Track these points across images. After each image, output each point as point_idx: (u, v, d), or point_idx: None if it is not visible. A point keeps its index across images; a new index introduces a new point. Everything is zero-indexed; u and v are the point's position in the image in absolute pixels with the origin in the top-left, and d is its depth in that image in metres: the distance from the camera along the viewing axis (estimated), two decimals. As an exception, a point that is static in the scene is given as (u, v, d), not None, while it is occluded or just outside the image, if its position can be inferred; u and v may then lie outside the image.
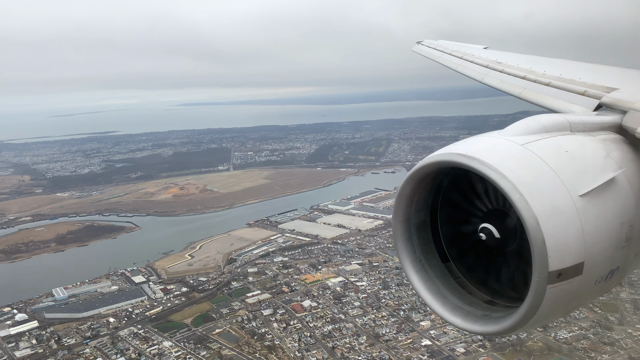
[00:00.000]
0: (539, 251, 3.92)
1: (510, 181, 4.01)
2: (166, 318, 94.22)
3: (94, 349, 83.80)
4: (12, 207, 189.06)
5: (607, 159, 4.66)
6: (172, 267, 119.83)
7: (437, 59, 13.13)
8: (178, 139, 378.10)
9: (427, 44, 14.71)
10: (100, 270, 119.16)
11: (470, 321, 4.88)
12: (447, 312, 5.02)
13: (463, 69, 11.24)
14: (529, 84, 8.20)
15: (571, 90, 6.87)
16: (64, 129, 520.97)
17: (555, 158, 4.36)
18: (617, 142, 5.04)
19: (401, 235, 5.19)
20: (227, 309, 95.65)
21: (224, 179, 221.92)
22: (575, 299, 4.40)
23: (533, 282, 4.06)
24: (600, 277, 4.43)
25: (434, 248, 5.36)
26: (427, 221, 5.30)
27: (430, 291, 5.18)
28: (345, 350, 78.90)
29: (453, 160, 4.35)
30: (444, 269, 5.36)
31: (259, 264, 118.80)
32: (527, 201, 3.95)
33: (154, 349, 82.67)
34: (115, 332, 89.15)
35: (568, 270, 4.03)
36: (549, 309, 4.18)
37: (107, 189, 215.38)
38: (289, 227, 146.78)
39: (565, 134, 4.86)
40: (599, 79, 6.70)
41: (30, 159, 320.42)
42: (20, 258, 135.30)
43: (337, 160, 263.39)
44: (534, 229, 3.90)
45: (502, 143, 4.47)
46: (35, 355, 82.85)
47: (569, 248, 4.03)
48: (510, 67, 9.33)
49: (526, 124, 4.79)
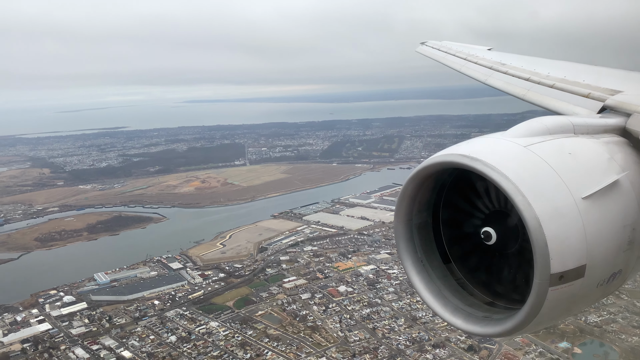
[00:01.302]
0: (541, 253, 3.91)
1: (513, 182, 4.01)
2: (208, 301, 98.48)
3: (145, 328, 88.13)
4: (38, 198, 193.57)
5: (610, 161, 4.63)
6: (206, 255, 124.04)
7: (441, 60, 13.15)
8: (190, 135, 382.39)
9: (431, 45, 14.80)
10: (136, 258, 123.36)
11: (471, 322, 4.86)
12: (447, 313, 5.02)
13: (467, 70, 11.27)
14: (533, 86, 8.21)
15: (575, 92, 6.88)
16: (73, 124, 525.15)
17: (558, 160, 4.34)
18: (621, 145, 4.99)
19: (403, 235, 5.19)
20: (266, 293, 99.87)
21: (243, 173, 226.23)
22: (576, 302, 4.37)
23: (534, 284, 4.05)
24: (602, 280, 4.40)
25: (435, 249, 5.36)
26: (429, 222, 5.29)
27: (431, 292, 5.16)
28: (386, 331, 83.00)
29: (456, 161, 4.35)
30: (445, 269, 5.34)
31: (290, 253, 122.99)
32: (529, 203, 3.95)
33: (202, 328, 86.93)
34: (161, 313, 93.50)
35: (570, 273, 4.01)
36: (551, 312, 4.17)
37: (128, 182, 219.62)
38: (313, 219, 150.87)
39: (569, 136, 4.84)
40: (603, 82, 6.70)
41: (46, 153, 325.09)
42: (56, 245, 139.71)
43: (351, 156, 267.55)
44: (536, 230, 3.90)
45: (505, 144, 4.48)
46: (90, 333, 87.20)
47: (571, 250, 4.01)
48: (514, 69, 9.37)
49: (529, 125, 4.78)
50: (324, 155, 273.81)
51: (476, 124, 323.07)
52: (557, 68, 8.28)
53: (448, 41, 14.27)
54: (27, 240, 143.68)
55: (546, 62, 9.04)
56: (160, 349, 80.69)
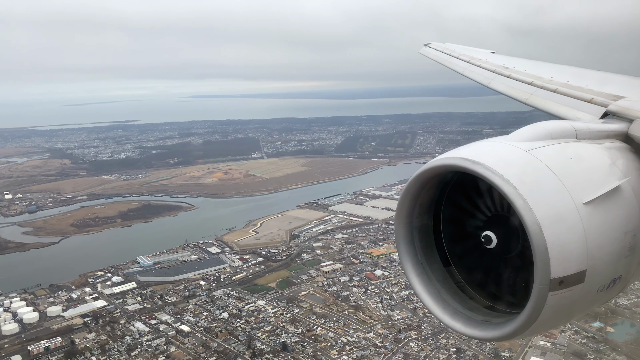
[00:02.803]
0: (541, 258, 3.91)
1: (514, 187, 4.02)
2: (252, 282, 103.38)
3: (196, 306, 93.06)
4: (65, 187, 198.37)
5: (612, 167, 4.63)
6: (241, 241, 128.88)
7: (444, 62, 13.11)
8: (202, 129, 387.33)
9: (435, 47, 14.71)
10: (173, 243, 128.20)
11: (470, 326, 4.83)
12: (447, 317, 4.99)
13: (470, 73, 11.23)
14: (536, 90, 8.17)
15: (578, 97, 6.86)
16: (82, 117, 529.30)
17: (560, 165, 4.34)
18: (623, 151, 4.99)
19: (403, 237, 5.18)
20: (305, 276, 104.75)
21: (263, 166, 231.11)
22: (576, 307, 4.35)
23: (534, 288, 4.04)
24: (603, 285, 4.39)
25: (435, 251, 5.35)
26: (430, 224, 5.29)
27: (431, 295, 5.16)
28: (427, 312, 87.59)
29: (457, 164, 4.36)
30: (445, 272, 5.33)
31: (321, 240, 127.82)
32: (530, 207, 3.94)
33: (250, 306, 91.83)
34: (209, 292, 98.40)
35: (570, 278, 4.01)
36: (550, 316, 4.16)
37: (150, 173, 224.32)
38: (339, 209, 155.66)
39: (571, 141, 4.84)
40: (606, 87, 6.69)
41: (62, 145, 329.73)
42: (93, 231, 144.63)
43: (366, 150, 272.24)
44: (537, 235, 3.90)
45: (507, 149, 4.48)
46: (145, 309, 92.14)
47: (571, 256, 4.01)
48: (517, 73, 9.34)
49: (532, 130, 4.78)
50: (339, 149, 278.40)
51: (486, 121, 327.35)
52: (561, 72, 8.32)
53: (451, 43, 14.27)
54: (63, 226, 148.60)
55: (549, 66, 9.11)
56: (214, 324, 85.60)
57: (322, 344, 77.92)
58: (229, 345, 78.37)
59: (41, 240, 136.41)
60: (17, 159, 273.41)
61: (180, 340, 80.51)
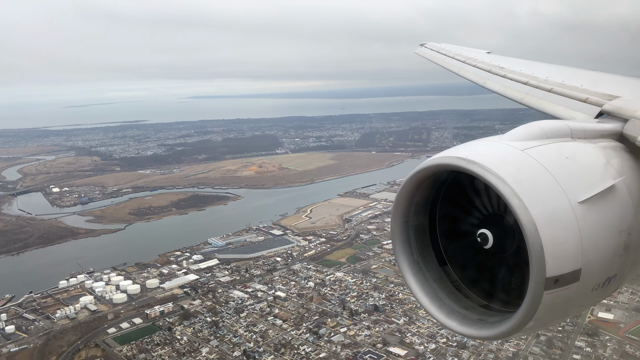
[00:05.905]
0: (537, 257, 3.93)
1: (510, 186, 4.03)
2: (322, 258, 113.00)
3: (281, 277, 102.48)
4: (107, 181, 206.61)
5: (607, 166, 4.65)
6: (298, 225, 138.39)
7: (440, 62, 13.24)
8: (217, 127, 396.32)
9: (430, 47, 14.84)
10: (234, 227, 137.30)
11: (465, 325, 4.86)
12: (443, 316, 5.00)
13: (466, 73, 11.30)
14: (531, 90, 8.21)
15: (573, 97, 6.90)
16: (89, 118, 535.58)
17: (555, 164, 4.36)
18: (618, 150, 5.01)
19: (399, 236, 5.17)
20: (371, 252, 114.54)
21: (293, 160, 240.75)
22: (571, 306, 4.39)
23: (530, 287, 4.07)
24: (597, 284, 4.42)
25: (431, 251, 5.33)
26: (426, 224, 5.28)
27: (426, 294, 5.16)
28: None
29: (453, 163, 4.35)
30: (441, 272, 5.33)
31: (373, 223, 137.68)
32: (525, 206, 3.96)
33: (330, 277, 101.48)
34: (288, 266, 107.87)
35: (565, 277, 4.03)
36: (545, 315, 4.19)
37: (184, 168, 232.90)
38: (380, 197, 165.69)
39: (566, 141, 4.85)
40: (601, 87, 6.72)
41: (83, 143, 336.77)
42: (153, 218, 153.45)
43: (387, 145, 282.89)
44: (532, 234, 3.92)
45: (503, 148, 4.50)
46: (235, 281, 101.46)
47: (566, 254, 4.04)
48: (512, 73, 9.42)
49: (527, 129, 4.79)
50: (359, 144, 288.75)
51: (495, 117, 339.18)
52: (556, 72, 8.34)
53: (447, 43, 14.40)
54: (122, 215, 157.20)
55: (545, 66, 9.16)
56: (304, 291, 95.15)
57: (408, 305, 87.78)
58: (325, 307, 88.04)
59: (107, 227, 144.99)
60: (45, 156, 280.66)
61: (280, 304, 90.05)
